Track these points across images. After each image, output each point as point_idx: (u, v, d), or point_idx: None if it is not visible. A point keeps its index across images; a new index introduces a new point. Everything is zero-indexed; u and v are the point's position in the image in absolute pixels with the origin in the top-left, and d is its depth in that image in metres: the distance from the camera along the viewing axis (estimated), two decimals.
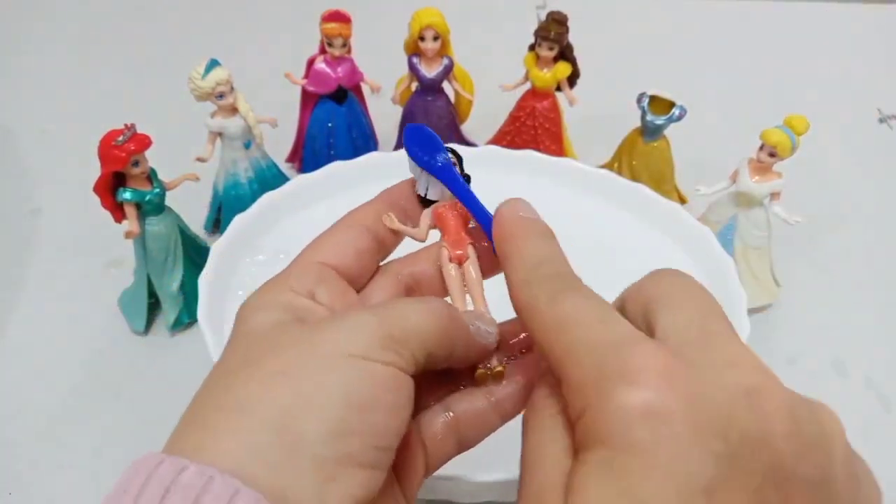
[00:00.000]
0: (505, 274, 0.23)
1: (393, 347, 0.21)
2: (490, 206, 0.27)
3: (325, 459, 0.19)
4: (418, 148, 0.27)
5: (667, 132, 0.54)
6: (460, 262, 0.27)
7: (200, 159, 0.50)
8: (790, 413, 0.17)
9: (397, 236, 0.28)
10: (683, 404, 0.17)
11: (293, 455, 0.18)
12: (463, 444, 0.26)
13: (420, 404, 0.25)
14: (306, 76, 0.56)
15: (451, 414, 0.25)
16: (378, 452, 0.20)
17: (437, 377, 0.26)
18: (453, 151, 0.28)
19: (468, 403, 0.25)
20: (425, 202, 0.28)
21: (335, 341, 0.21)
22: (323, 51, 0.56)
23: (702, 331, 0.19)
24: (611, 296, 0.22)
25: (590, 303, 0.20)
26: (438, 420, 0.25)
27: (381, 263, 0.28)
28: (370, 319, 0.21)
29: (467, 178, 0.28)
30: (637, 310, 0.21)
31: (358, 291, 0.26)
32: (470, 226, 0.28)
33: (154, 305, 0.49)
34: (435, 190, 0.28)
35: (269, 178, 0.54)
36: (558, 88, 0.57)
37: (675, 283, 0.21)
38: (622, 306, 0.22)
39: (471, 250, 0.27)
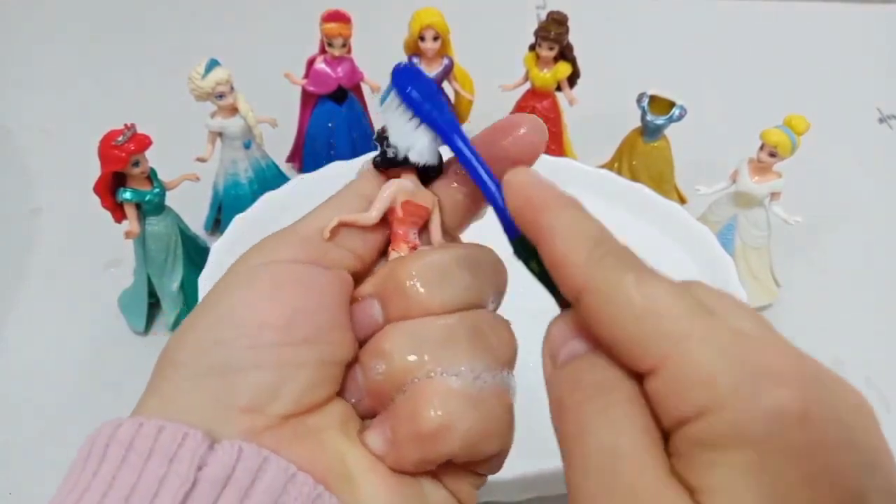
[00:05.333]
0: (551, 253, 0.19)
1: (315, 249, 0.22)
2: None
3: (274, 346, 0.20)
4: (417, 91, 0.23)
5: (667, 132, 0.54)
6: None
7: (200, 159, 0.50)
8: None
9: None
10: (827, 409, 0.16)
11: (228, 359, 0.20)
12: None
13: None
14: (306, 76, 0.56)
15: None
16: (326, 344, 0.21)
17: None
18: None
19: None
20: (386, 167, 0.24)
21: (257, 254, 0.22)
22: (323, 51, 0.56)
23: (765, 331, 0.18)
24: None
25: (681, 287, 0.18)
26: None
27: None
28: (287, 232, 0.23)
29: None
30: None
31: None
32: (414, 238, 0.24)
33: (154, 305, 0.49)
34: (418, 151, 0.23)
35: (269, 178, 0.54)
36: (558, 88, 0.57)
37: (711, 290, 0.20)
38: None
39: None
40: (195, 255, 0.49)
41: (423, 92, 0.23)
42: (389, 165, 0.23)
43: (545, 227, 0.20)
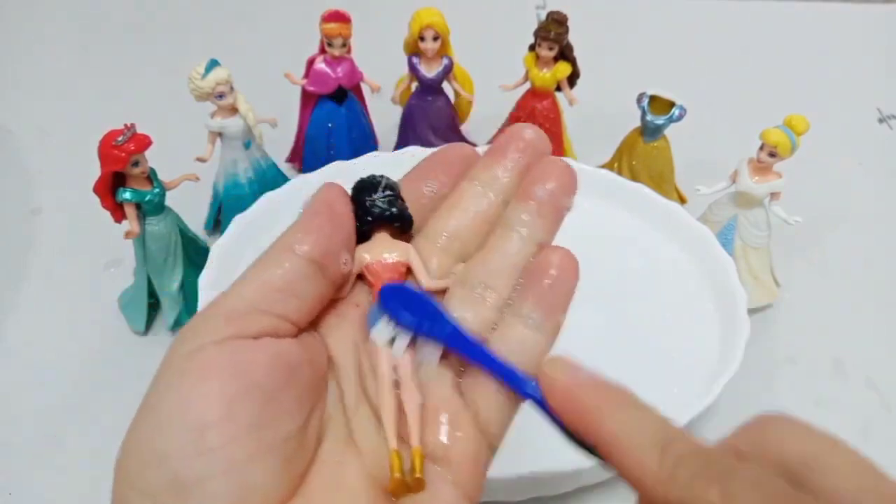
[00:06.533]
0: (618, 464, 0.19)
1: (240, 322, 0.20)
2: None
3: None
4: (407, 311, 0.22)
5: (667, 132, 0.54)
6: None
7: (200, 159, 0.50)
8: None
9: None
10: None
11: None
12: None
13: None
14: (306, 76, 0.56)
15: None
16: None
17: None
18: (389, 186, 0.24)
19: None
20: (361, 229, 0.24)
21: (187, 341, 0.20)
22: (323, 51, 0.56)
23: (882, 495, 0.17)
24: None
25: (766, 485, 0.17)
26: None
27: None
28: (212, 309, 0.21)
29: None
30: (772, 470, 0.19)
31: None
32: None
33: (154, 305, 0.49)
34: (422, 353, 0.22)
35: (269, 179, 0.54)
36: (558, 88, 0.57)
37: (809, 437, 0.19)
38: (740, 458, 0.19)
39: None
40: (195, 255, 0.49)
41: (416, 310, 0.22)
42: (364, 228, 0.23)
43: (604, 435, 0.19)
